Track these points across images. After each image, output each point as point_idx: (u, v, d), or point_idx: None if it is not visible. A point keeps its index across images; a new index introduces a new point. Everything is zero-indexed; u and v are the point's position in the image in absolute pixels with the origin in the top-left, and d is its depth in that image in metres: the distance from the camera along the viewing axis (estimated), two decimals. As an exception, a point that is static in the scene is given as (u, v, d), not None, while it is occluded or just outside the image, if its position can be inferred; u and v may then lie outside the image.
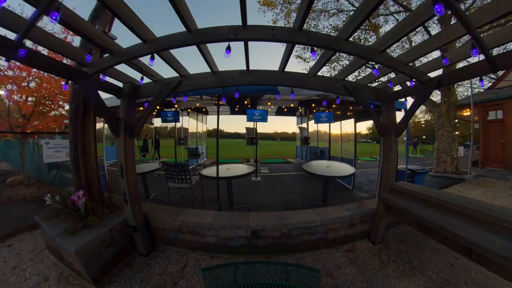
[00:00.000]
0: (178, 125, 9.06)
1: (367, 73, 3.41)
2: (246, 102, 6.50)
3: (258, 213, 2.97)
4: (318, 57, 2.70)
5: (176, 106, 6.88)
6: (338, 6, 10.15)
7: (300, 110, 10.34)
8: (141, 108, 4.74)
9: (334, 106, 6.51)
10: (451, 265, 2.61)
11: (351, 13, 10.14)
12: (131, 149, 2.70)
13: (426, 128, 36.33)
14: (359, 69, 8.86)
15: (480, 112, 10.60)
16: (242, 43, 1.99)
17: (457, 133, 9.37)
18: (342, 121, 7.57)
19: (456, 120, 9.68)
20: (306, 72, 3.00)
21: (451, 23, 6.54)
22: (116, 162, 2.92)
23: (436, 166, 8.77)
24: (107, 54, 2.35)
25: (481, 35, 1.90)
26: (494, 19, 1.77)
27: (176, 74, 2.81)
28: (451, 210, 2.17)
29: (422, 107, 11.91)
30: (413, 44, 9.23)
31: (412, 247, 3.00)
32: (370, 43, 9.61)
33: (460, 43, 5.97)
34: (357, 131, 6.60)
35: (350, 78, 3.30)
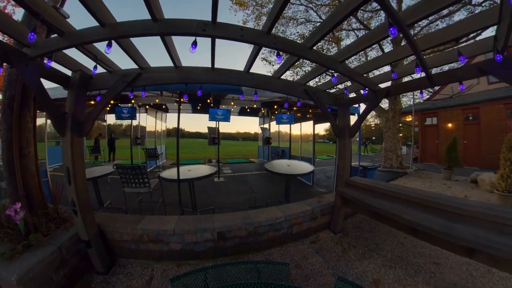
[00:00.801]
0: (135, 122, 8.29)
1: (326, 80, 3.79)
2: (209, 100, 6.40)
3: (223, 214, 2.97)
4: (283, 61, 2.86)
5: (133, 101, 6.35)
6: (307, 16, 11.03)
7: (263, 111, 10.71)
8: (93, 102, 4.12)
9: (295, 108, 7.01)
10: (401, 244, 3.12)
11: (318, 24, 11.10)
12: (79, 150, 2.32)
13: (375, 130, 42.42)
14: (319, 76, 9.67)
15: (419, 118, 13.28)
16: (209, 39, 1.96)
17: (400, 135, 11.66)
18: (302, 123, 8.23)
19: (400, 124, 11.86)
20: (271, 75, 3.16)
21: (402, 44, 7.73)
22: (61, 166, 2.57)
23: (384, 162, 10.46)
24: (55, 35, 1.95)
25: (424, 57, 2.36)
26: (435, 46, 2.28)
27: (135, 66, 2.55)
28: (398, 199, 2.61)
29: (373, 113, 13.81)
30: (368, 58, 10.67)
31: (368, 232, 3.47)
32: (332, 53, 10.53)
33: (407, 61, 6.98)
34: (316, 132, 7.41)
35: (311, 83, 3.63)
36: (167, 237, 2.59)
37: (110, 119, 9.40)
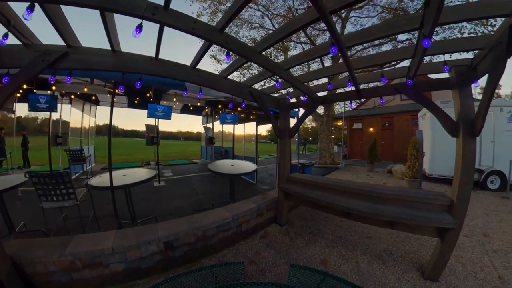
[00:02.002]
0: (55, 116, 6.53)
1: (271, 85, 4.17)
2: (148, 94, 5.83)
3: (168, 222, 2.79)
4: (231, 62, 2.93)
5: (54, 88, 5.02)
6: (262, 22, 11.62)
7: (207, 110, 10.49)
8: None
9: (239, 109, 7.20)
10: (339, 226, 3.78)
11: (270, 32, 11.58)
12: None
13: (312, 132, 48.42)
14: (265, 80, 10.19)
15: (348, 123, 17.06)
16: (157, 26, 1.79)
17: (333, 136, 14.24)
18: (246, 123, 8.54)
19: (333, 128, 14.96)
20: (218, 73, 3.16)
21: (339, 61, 9.11)
22: None
23: (319, 159, 12.40)
24: None
25: (355, 74, 2.96)
26: (364, 67, 2.91)
27: (62, 42, 2.04)
28: (332, 189, 3.21)
29: (310, 117, 16.11)
30: (310, 69, 12.13)
31: (310, 221, 3.98)
32: (279, 60, 11.24)
33: (341, 76, 8.34)
34: (258, 133, 7.79)
35: (257, 86, 3.89)
36: (105, 258, 2.19)
37: (22, 109, 7.20)
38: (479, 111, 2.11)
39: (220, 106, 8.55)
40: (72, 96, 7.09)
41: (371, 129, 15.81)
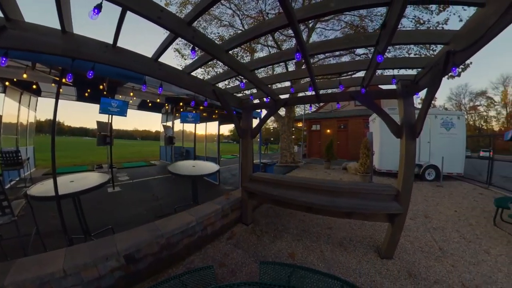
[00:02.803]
0: None
1: (235, 84, 4.20)
2: (102, 87, 5.16)
3: (127, 232, 2.51)
4: (196, 58, 2.83)
5: None
6: (232, 21, 11.44)
7: (167, 107, 9.93)
8: None
9: (201, 107, 7.04)
10: (302, 220, 4.05)
11: (239, 31, 11.45)
12: None
13: (273, 132, 49.14)
14: (229, 79, 10.11)
15: (308, 124, 18.62)
16: (118, 9, 1.63)
17: (293, 137, 15.33)
18: (208, 123, 8.38)
19: (293, 129, 16.22)
20: (181, 69, 3.04)
21: (302, 67, 9.52)
22: None
23: (280, 159, 12.92)
24: None
25: (316, 80, 3.19)
26: (325, 74, 3.26)
27: None
28: (294, 186, 3.43)
29: (272, 118, 16.71)
30: (274, 72, 12.50)
31: (275, 217, 4.17)
32: (245, 61, 11.24)
33: (303, 81, 8.74)
34: (221, 133, 7.71)
35: (220, 85, 3.87)
36: (57, 283, 1.83)
37: None
38: (418, 118, 2.57)
39: (181, 103, 8.19)
40: (7, 83, 5.56)
41: (328, 131, 17.65)
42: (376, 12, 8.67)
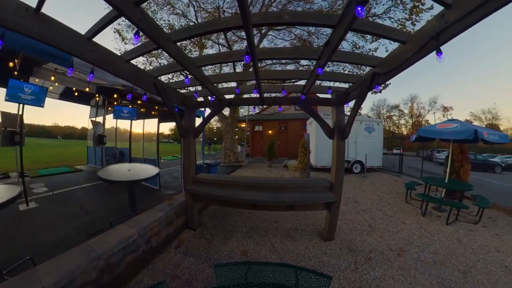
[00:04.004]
0: None
1: (179, 79, 3.99)
2: (12, 64, 3.85)
3: (53, 261, 1.98)
4: (139, 44, 2.54)
5: None
6: (185, 11, 10.70)
7: (97, 98, 8.29)
8: None
9: (139, 102, 6.36)
10: (249, 218, 4.20)
11: (192, 23, 10.65)
12: None
13: (217, 132, 49.16)
14: (174, 73, 9.41)
15: (251, 125, 19.45)
16: None
17: (236, 137, 15.52)
18: (146, 120, 7.56)
19: (237, 129, 15.99)
20: (119, 54, 2.64)
21: (249, 70, 9.69)
22: None
23: (224, 159, 13.04)
24: None
25: (262, 83, 3.33)
26: (270, 79, 3.57)
27: None
28: (239, 186, 3.56)
29: (216, 117, 16.48)
30: (222, 71, 12.32)
31: (223, 218, 4.18)
32: (193, 56, 10.60)
33: (249, 83, 8.99)
34: (160, 131, 7.15)
35: (163, 78, 3.59)
36: None
37: None
38: (347, 122, 3.19)
39: (115, 95, 6.88)
40: None
41: (270, 131, 19.03)
42: (322, 31, 9.83)
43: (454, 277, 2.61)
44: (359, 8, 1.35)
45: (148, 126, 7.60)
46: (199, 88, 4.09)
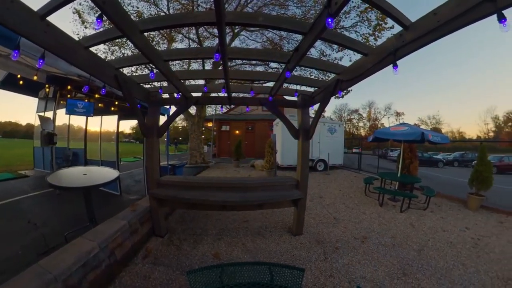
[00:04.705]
0: None
1: (143, 73, 3.73)
2: None
3: None
4: (101, 30, 2.31)
5: None
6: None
7: (47, 89, 7.13)
8: None
9: (97, 96, 5.70)
10: (219, 219, 4.16)
11: (162, 14, 9.94)
12: None
13: (182, 132, 47.67)
14: (138, 66, 8.73)
15: (218, 125, 19.19)
16: None
17: (203, 136, 15.32)
18: (104, 116, 6.92)
19: (203, 128, 15.91)
20: (77, 39, 2.32)
21: (219, 68, 9.45)
22: None
23: (190, 159, 12.71)
24: None
25: (230, 83, 3.35)
26: (239, 79, 3.58)
27: None
28: (206, 187, 3.50)
29: (181, 116, 15.82)
30: (190, 67, 11.89)
31: (191, 222, 4.06)
32: (160, 49, 9.97)
33: (218, 82, 8.84)
34: (121, 130, 6.60)
35: (126, 70, 3.31)
36: None
37: None
38: (312, 124, 3.44)
39: (69, 87, 6.01)
40: None
41: (237, 131, 19.11)
42: (293, 37, 10.22)
43: (411, 255, 3.11)
44: (329, 20, 1.47)
45: (107, 123, 6.90)
46: (165, 84, 3.88)
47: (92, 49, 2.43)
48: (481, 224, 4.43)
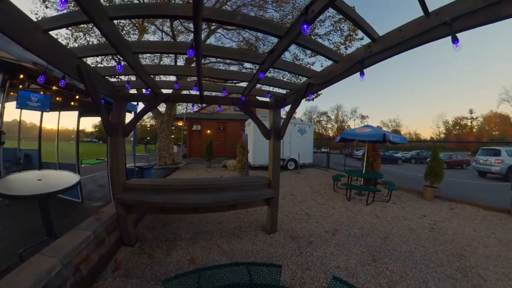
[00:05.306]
0: None
1: (110, 65, 3.44)
2: None
3: None
4: (65, 12, 2.04)
5: None
6: None
7: None
8: None
9: (54, 88, 5.06)
10: (192, 223, 4.07)
11: (136, 1, 8.98)
12: None
13: (150, 131, 45.59)
14: (104, 57, 7.99)
15: (188, 124, 18.79)
16: None
17: (173, 136, 14.32)
18: (62, 112, 6.04)
19: (173, 128, 15.29)
20: (36, 20, 2.02)
21: (192, 65, 9.15)
22: None
23: (158, 160, 12.09)
24: None
25: (203, 81, 3.26)
26: (212, 77, 3.57)
27: None
28: (176, 190, 3.35)
29: (150, 114, 14.92)
30: (162, 62, 11.42)
31: (163, 227, 3.87)
32: (131, 39, 9.26)
33: (190, 79, 8.57)
34: (82, 128, 6.10)
35: (90, 60, 3.04)
36: None
37: None
38: (283, 125, 3.58)
39: (22, 76, 5.22)
40: None
41: (209, 131, 18.79)
42: (269, 39, 10.39)
43: (378, 243, 3.48)
44: (305, 26, 1.56)
45: (66, 120, 6.05)
46: (133, 78, 3.60)
47: (53, 33, 2.14)
48: (435, 211, 5.20)
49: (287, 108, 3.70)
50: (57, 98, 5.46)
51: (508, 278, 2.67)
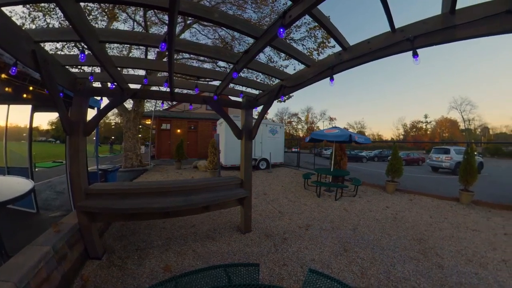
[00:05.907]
0: None
1: (72, 53, 3.05)
2: None
3: None
4: None
5: None
6: None
7: None
8: None
9: (4, 76, 4.36)
10: (164, 228, 3.90)
11: None
12: None
13: (115, 129, 42.30)
14: (65, 43, 7.30)
15: (157, 123, 17.43)
16: None
17: (140, 135, 13.68)
18: (12, 105, 5.18)
19: (141, 126, 14.56)
20: None
21: (163, 59, 8.73)
22: None
23: (124, 162, 11.21)
24: None
25: (174, 77, 3.12)
26: (184, 74, 3.35)
27: None
28: (145, 194, 3.12)
29: (114, 110, 13.69)
30: (130, 54, 10.92)
31: (132, 236, 3.58)
32: (98, 26, 8.23)
33: (160, 75, 8.24)
34: (36, 125, 5.47)
35: (48, 46, 2.69)
36: None
37: None
38: (255, 125, 3.63)
39: None
40: None
41: (179, 130, 17.76)
42: (245, 39, 10.41)
43: (348, 234, 3.76)
44: (281, 30, 1.60)
45: (16, 115, 5.18)
46: (98, 70, 3.26)
47: (6, 9, 1.83)
48: (397, 202, 5.83)
49: (259, 108, 3.77)
50: (6, 89, 4.65)
51: (460, 254, 3.18)
